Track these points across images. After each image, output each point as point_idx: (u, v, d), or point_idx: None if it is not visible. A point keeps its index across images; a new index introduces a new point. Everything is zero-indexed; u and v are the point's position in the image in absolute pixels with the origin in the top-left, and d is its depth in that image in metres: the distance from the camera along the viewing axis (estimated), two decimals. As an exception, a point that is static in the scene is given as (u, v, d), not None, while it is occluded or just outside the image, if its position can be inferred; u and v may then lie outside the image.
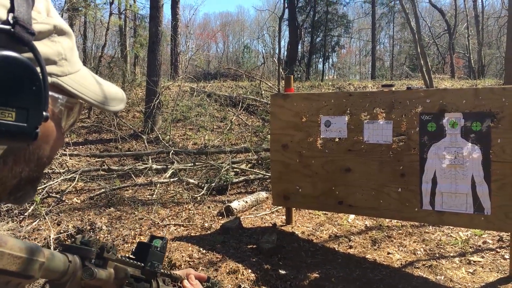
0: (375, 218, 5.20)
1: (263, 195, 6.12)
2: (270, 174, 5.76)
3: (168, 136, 10.45)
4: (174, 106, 11.83)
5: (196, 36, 42.09)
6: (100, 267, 0.73)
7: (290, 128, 4.68)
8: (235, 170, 7.46)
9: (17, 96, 0.50)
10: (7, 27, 0.49)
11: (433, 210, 3.95)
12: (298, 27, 28.33)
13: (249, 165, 7.99)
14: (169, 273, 0.97)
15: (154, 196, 6.31)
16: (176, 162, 8.04)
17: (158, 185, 6.75)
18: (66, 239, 4.81)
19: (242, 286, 3.60)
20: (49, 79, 0.56)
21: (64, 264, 0.66)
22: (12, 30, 0.50)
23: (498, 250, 4.38)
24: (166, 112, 11.97)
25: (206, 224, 5.09)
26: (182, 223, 5.16)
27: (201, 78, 18.14)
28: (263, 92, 13.37)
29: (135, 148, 9.91)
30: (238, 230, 4.82)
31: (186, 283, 1.04)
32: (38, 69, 0.52)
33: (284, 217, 5.23)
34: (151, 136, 10.24)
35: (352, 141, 4.37)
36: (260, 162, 7.99)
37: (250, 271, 3.82)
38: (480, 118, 3.73)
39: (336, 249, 4.45)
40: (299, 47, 29.69)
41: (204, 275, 1.11)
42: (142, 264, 0.87)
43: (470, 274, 3.87)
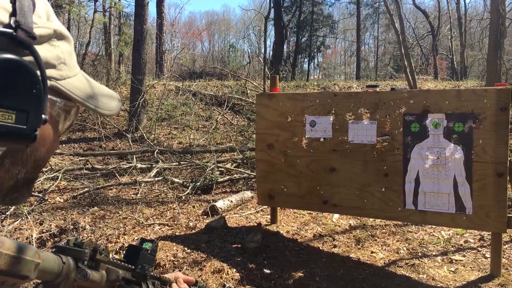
0: (359, 218, 5.25)
1: (248, 194, 6.13)
2: (255, 174, 5.77)
3: (153, 135, 10.40)
4: (159, 105, 11.76)
5: (181, 34, 41.97)
6: (93, 269, 0.74)
7: (275, 128, 4.70)
8: (220, 169, 7.45)
9: (17, 99, 0.50)
10: (10, 30, 0.50)
11: (416, 210, 4.00)
12: (284, 27, 28.40)
13: (234, 164, 7.98)
14: (158, 276, 0.98)
15: (139, 195, 6.27)
16: (161, 161, 8.00)
17: (143, 184, 6.71)
18: (48, 238, 4.75)
19: (226, 285, 3.60)
20: (48, 82, 0.57)
21: (58, 265, 0.66)
22: (14, 33, 0.50)
23: (480, 249, 4.45)
24: (151, 111, 11.91)
25: (191, 224, 5.08)
26: (166, 222, 5.14)
27: (186, 77, 18.09)
28: (248, 91, 13.37)
29: (120, 147, 9.83)
30: (223, 229, 4.82)
31: (174, 286, 1.04)
32: (38, 72, 0.53)
33: (269, 216, 5.24)
34: (136, 135, 10.18)
35: (337, 141, 4.40)
36: (245, 161, 7.99)
37: (234, 270, 3.83)
38: (462, 119, 3.78)
39: (321, 248, 4.48)
40: (285, 47, 29.78)
41: (193, 279, 1.12)
42: (133, 267, 0.87)
43: (452, 272, 3.93)
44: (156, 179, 7.00)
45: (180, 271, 3.78)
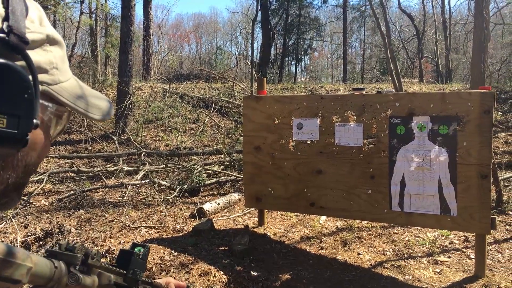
0: (346, 220, 5.28)
1: (235, 196, 6.13)
2: (242, 176, 5.77)
3: (139, 138, 10.34)
4: (146, 107, 11.71)
5: (168, 36, 41.76)
6: (85, 274, 0.74)
7: (262, 130, 4.71)
8: (207, 172, 7.44)
9: (9, 103, 0.51)
10: (2, 35, 0.51)
11: (401, 211, 4.04)
12: (271, 29, 28.45)
13: (221, 167, 7.98)
14: (150, 281, 0.98)
15: (125, 198, 6.23)
16: (147, 164, 7.97)
17: (129, 187, 6.67)
18: (33, 242, 4.70)
19: (214, 288, 3.59)
20: (40, 87, 0.57)
21: (50, 269, 0.66)
22: (6, 38, 0.51)
23: (464, 250, 4.51)
24: (137, 113, 11.85)
25: (178, 226, 5.06)
26: (153, 225, 5.11)
27: (173, 79, 18.04)
28: (236, 94, 13.38)
29: (106, 149, 9.76)
30: (210, 232, 4.81)
31: None
32: (30, 77, 0.53)
33: (256, 218, 5.24)
34: (122, 137, 10.12)
35: (323, 143, 4.42)
36: (232, 164, 7.99)
37: (222, 273, 3.82)
38: (447, 122, 3.83)
39: (308, 250, 4.49)
40: (272, 50, 29.82)
41: (184, 283, 1.11)
42: (125, 272, 0.87)
43: (437, 273, 3.97)
44: (143, 181, 6.96)
45: (167, 274, 3.77)
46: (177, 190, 6.35)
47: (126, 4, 11.45)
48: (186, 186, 6.47)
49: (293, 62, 34.05)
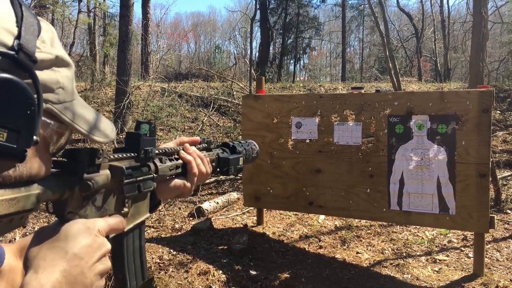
0: (344, 218, 5.28)
1: (234, 196, 6.13)
2: (241, 175, 5.76)
3: (138, 137, 10.30)
4: (145, 106, 11.70)
5: (167, 35, 41.75)
6: (95, 173, 0.73)
7: (261, 129, 4.70)
8: (206, 171, 7.42)
9: (10, 118, 0.52)
10: (12, 52, 0.52)
11: (400, 210, 4.04)
12: (270, 28, 28.46)
13: (220, 166, 7.96)
14: (163, 150, 0.97)
15: (124, 197, 6.22)
16: (146, 163, 7.95)
17: (128, 186, 6.65)
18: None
19: (213, 287, 3.59)
20: (44, 105, 0.59)
21: (59, 186, 0.67)
22: (15, 56, 0.53)
23: (463, 249, 4.52)
24: (136, 112, 11.83)
25: (177, 225, 5.06)
26: (152, 224, 5.11)
27: (172, 78, 18.02)
28: (234, 93, 13.36)
29: (105, 148, 9.74)
30: (209, 231, 4.81)
31: (182, 153, 1.02)
32: (36, 95, 0.55)
33: (255, 217, 5.24)
34: (121, 136, 10.10)
35: (322, 142, 4.43)
36: (231, 163, 7.97)
37: (221, 272, 3.82)
38: (445, 121, 3.83)
39: (307, 249, 4.50)
40: (271, 49, 29.84)
41: (197, 138, 1.09)
42: (136, 154, 0.86)
43: (435, 272, 3.98)
44: (142, 181, 6.95)
45: (166, 273, 3.77)
46: (176, 189, 6.34)
47: (125, 2, 11.41)
48: (185, 185, 6.46)
49: (291, 61, 34.09)
